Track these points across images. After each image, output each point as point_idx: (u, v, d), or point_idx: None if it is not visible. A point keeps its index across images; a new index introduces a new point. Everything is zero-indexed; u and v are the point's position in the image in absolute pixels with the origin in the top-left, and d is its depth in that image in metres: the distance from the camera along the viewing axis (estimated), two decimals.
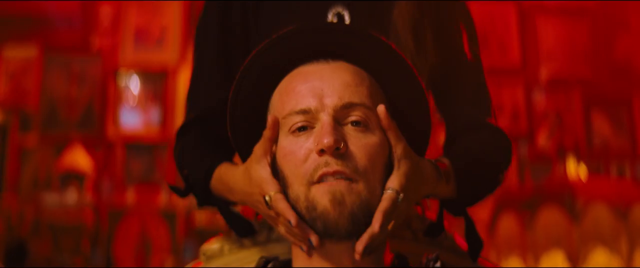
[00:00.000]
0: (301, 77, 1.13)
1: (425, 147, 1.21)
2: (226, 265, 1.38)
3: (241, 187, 1.18)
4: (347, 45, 1.14)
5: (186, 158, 1.35)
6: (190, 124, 1.39)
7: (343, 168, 1.06)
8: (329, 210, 1.05)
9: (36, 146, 5.41)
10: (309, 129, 1.10)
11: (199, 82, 1.43)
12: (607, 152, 5.24)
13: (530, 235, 3.87)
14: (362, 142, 1.09)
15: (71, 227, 5.36)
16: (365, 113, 1.11)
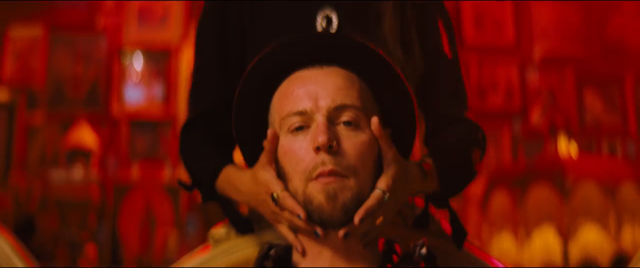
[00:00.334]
0: (298, 82, 1.23)
1: (412, 143, 1.31)
2: (232, 247, 1.49)
3: (248, 188, 1.29)
4: (338, 52, 1.25)
5: (192, 157, 1.46)
6: (193, 122, 1.49)
7: (336, 167, 1.17)
8: (324, 205, 1.16)
9: (43, 124, 5.42)
10: (305, 129, 1.21)
11: (199, 81, 1.53)
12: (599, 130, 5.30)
13: (522, 211, 3.96)
14: (353, 140, 1.20)
15: (77, 203, 5.38)
16: (356, 114, 1.21)
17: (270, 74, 1.26)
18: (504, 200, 4.01)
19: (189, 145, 1.47)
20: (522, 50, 5.37)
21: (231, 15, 1.50)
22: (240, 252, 1.50)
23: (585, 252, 3.94)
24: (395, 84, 1.26)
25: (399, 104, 1.28)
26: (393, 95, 1.27)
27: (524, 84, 5.33)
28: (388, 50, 1.37)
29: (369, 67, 1.25)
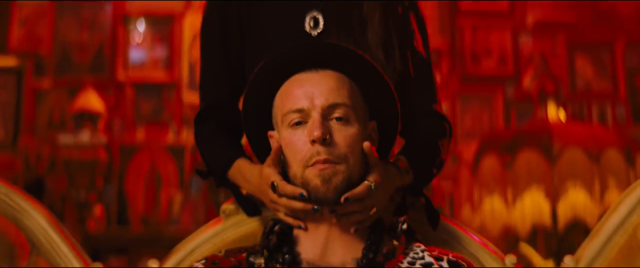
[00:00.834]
0: (297, 83, 1.46)
1: (395, 133, 1.53)
2: (241, 221, 1.73)
3: (256, 180, 1.52)
4: (331, 58, 1.46)
5: (207, 149, 1.70)
6: (204, 113, 1.73)
7: (329, 156, 1.40)
8: (319, 187, 1.39)
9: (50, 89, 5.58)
10: (303, 123, 1.43)
11: (206, 76, 1.76)
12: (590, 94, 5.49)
13: (511, 174, 4.17)
14: (344, 133, 1.43)
15: (85, 164, 5.52)
16: (346, 110, 1.44)
17: (274, 76, 1.48)
18: (494, 163, 4.21)
19: (203, 135, 1.71)
20: (516, 16, 5.51)
21: (231, 17, 1.72)
22: (248, 225, 1.74)
23: (573, 213, 4.16)
24: (380, 84, 1.49)
25: (384, 101, 1.50)
26: (378, 94, 1.49)
27: (516, 49, 5.51)
28: (371, 52, 1.59)
29: (357, 70, 1.47)
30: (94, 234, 5.24)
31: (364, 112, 1.48)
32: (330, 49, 1.47)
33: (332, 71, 1.47)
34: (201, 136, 1.72)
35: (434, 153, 1.62)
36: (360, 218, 1.44)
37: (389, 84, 1.49)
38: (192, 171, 5.68)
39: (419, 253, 1.45)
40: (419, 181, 1.61)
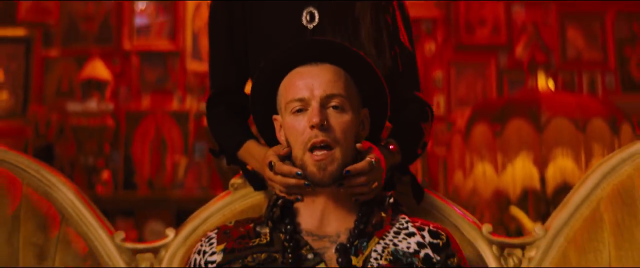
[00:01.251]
0: (298, 76, 1.65)
1: (385, 119, 1.73)
2: (248, 194, 1.93)
3: (262, 157, 1.72)
4: (329, 53, 1.65)
5: (219, 130, 1.91)
6: (215, 98, 1.93)
7: (326, 138, 1.60)
8: (315, 174, 1.59)
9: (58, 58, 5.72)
10: (304, 111, 1.63)
11: (215, 65, 1.97)
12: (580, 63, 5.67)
13: (501, 143, 4.37)
14: (339, 120, 1.62)
15: (93, 131, 5.69)
16: (341, 100, 1.63)
17: (279, 68, 1.68)
18: (485, 131, 4.40)
19: (215, 119, 1.92)
20: None
21: (236, 12, 1.92)
22: (254, 198, 1.95)
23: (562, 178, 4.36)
24: (372, 76, 1.68)
25: (375, 91, 1.70)
26: (370, 84, 1.69)
27: (510, 19, 5.65)
28: (364, 48, 1.79)
29: (352, 63, 1.66)
30: (102, 198, 5.37)
31: (357, 101, 1.68)
32: (328, 46, 1.66)
33: (330, 65, 1.66)
34: (213, 119, 1.92)
35: (419, 136, 1.83)
36: (364, 190, 1.64)
37: (380, 75, 1.68)
38: (196, 136, 5.86)
39: (403, 224, 1.66)
40: (406, 160, 1.82)
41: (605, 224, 1.90)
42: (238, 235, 1.65)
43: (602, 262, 1.86)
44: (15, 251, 1.90)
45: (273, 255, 1.60)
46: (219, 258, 1.61)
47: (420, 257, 1.59)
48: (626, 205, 1.89)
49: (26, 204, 1.95)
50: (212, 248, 1.64)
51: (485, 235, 1.92)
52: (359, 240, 1.60)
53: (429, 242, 1.62)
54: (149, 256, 1.97)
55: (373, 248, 1.59)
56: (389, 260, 1.57)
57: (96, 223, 1.95)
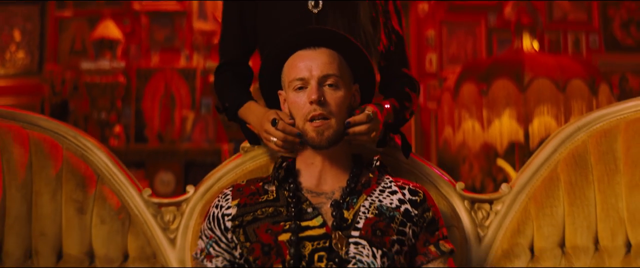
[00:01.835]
0: (299, 58, 1.91)
1: (372, 92, 2.00)
2: (256, 156, 2.19)
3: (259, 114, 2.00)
4: (326, 40, 1.91)
5: (224, 92, 2.17)
6: (223, 67, 2.20)
7: (323, 111, 1.87)
8: (315, 138, 1.87)
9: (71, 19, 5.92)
10: (304, 88, 1.90)
11: (225, 39, 2.23)
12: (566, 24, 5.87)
13: (487, 101, 4.62)
14: (333, 95, 1.89)
15: (105, 88, 5.95)
16: (336, 79, 1.90)
17: (283, 52, 1.95)
18: (472, 90, 4.64)
19: (221, 83, 2.19)
20: None
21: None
22: (261, 159, 2.21)
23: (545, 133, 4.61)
24: (361, 57, 1.94)
25: (363, 69, 1.96)
26: (360, 64, 1.95)
27: None
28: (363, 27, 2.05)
29: (344, 47, 1.93)
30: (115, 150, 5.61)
31: (349, 78, 1.94)
32: (325, 33, 1.92)
33: (326, 49, 1.92)
34: (220, 83, 2.19)
35: (407, 104, 2.11)
36: (364, 138, 1.93)
37: (368, 56, 1.95)
38: (202, 92, 6.09)
39: (387, 184, 1.94)
40: (397, 123, 2.10)
41: (561, 184, 2.14)
42: (249, 192, 1.93)
43: (557, 216, 2.11)
44: (59, 206, 2.16)
45: (279, 209, 1.87)
46: (233, 211, 1.89)
47: (401, 211, 1.88)
48: (579, 167, 2.12)
49: (67, 166, 2.20)
50: (228, 203, 1.92)
51: (458, 191, 2.18)
52: (350, 197, 1.88)
53: (408, 198, 1.90)
54: (172, 209, 2.23)
55: (362, 203, 1.87)
56: (375, 213, 1.86)
57: (127, 181, 2.21)
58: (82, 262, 2.15)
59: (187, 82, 6.16)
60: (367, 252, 1.78)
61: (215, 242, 1.90)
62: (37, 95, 6.04)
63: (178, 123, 6.14)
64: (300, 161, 1.96)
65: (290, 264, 1.76)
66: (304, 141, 1.90)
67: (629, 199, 2.03)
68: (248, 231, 1.85)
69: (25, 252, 2.12)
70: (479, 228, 2.17)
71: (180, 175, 6.05)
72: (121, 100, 6.05)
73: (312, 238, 1.81)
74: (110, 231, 2.18)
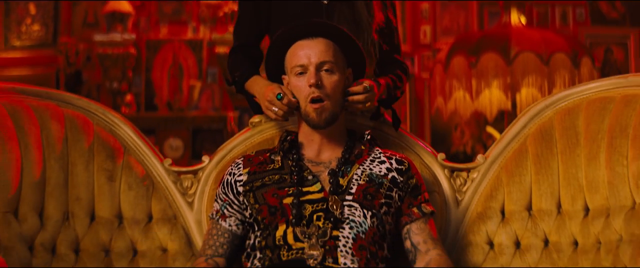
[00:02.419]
0: (300, 47, 2.16)
1: (363, 75, 2.26)
2: (264, 130, 2.44)
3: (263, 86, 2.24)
4: (323, 31, 2.16)
5: (235, 68, 2.40)
6: (236, 48, 2.44)
7: (320, 94, 2.12)
8: (314, 118, 2.13)
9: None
10: (304, 73, 2.15)
11: (241, 23, 2.46)
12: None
13: (476, 72, 4.86)
14: (329, 80, 2.14)
15: (117, 58, 6.15)
16: (331, 65, 2.14)
17: (286, 41, 2.19)
18: (461, 62, 4.88)
19: (233, 60, 2.43)
20: None
21: None
22: (268, 132, 2.45)
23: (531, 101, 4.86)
24: (353, 46, 2.18)
25: (355, 55, 2.20)
26: (352, 51, 2.19)
27: None
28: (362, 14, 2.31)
29: (339, 37, 2.17)
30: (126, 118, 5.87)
31: (343, 64, 2.19)
32: (322, 25, 2.17)
33: (323, 38, 2.16)
34: (232, 62, 2.44)
35: (400, 83, 2.38)
36: (361, 107, 2.18)
37: (359, 45, 2.20)
38: (209, 62, 6.29)
39: (377, 154, 2.21)
40: (390, 98, 2.36)
41: (529, 155, 2.37)
42: (258, 161, 2.20)
43: (525, 183, 2.35)
44: (91, 175, 2.39)
45: (283, 176, 2.14)
46: (244, 178, 2.16)
47: (388, 178, 2.15)
48: (545, 141, 2.36)
49: (98, 140, 2.42)
50: (240, 171, 2.19)
51: (439, 161, 2.43)
52: (345, 166, 2.14)
53: (395, 167, 2.17)
54: (190, 176, 2.47)
55: (355, 172, 2.14)
56: (366, 180, 2.12)
57: (150, 152, 2.45)
58: (112, 223, 2.39)
59: (194, 53, 6.34)
60: (359, 213, 2.06)
61: (229, 205, 2.17)
62: (52, 66, 6.24)
63: (186, 92, 6.33)
64: (302, 135, 2.23)
65: (292, 223, 2.03)
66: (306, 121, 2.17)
67: (587, 169, 2.27)
68: (257, 195, 2.11)
69: (63, 215, 2.36)
70: (457, 193, 2.42)
71: (188, 141, 6.28)
72: (132, 70, 6.24)
73: (312, 201, 2.07)
74: (136, 196, 2.41)
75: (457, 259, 2.35)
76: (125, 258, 2.38)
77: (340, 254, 1.99)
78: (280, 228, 2.05)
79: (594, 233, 2.25)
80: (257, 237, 2.10)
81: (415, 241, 2.13)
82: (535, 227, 2.34)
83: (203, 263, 2.13)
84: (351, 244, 2.01)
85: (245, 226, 2.17)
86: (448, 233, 2.39)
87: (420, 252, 2.12)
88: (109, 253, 2.39)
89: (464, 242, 2.38)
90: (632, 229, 2.15)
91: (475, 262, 2.35)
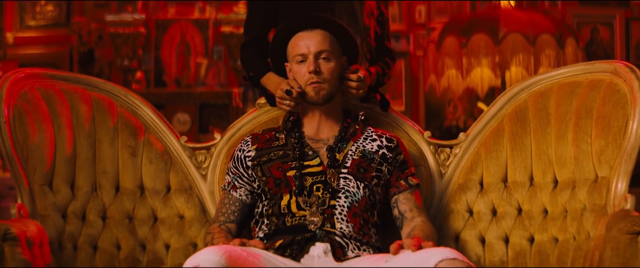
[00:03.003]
0: (300, 38, 2.38)
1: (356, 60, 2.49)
2: (270, 110, 2.64)
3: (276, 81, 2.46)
4: (321, 24, 2.39)
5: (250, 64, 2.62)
6: (248, 43, 2.65)
7: (318, 79, 2.35)
8: (313, 96, 2.35)
9: None
10: (304, 61, 2.37)
11: (251, 18, 2.67)
12: None
13: (466, 52, 5.08)
14: (327, 66, 2.37)
15: (127, 37, 6.32)
16: (328, 53, 2.36)
17: (288, 32, 2.41)
18: (453, 43, 5.09)
19: (247, 56, 2.63)
20: None
21: None
22: (273, 113, 2.64)
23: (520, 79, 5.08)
24: (348, 36, 2.41)
25: (349, 44, 2.42)
26: (347, 41, 2.41)
27: None
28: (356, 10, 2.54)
29: (335, 29, 2.39)
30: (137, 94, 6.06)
31: (339, 52, 2.41)
32: (319, 19, 2.39)
33: (321, 30, 2.38)
34: (246, 57, 2.64)
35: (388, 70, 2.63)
36: (354, 92, 2.42)
37: (352, 35, 2.42)
38: (215, 41, 6.44)
39: (370, 133, 2.45)
40: (379, 83, 2.61)
41: (505, 133, 2.57)
42: (264, 139, 2.44)
43: (501, 158, 2.57)
44: (116, 151, 2.62)
45: (287, 152, 2.38)
46: (252, 154, 2.40)
47: (379, 154, 2.39)
48: (520, 121, 2.56)
49: (121, 119, 2.64)
50: (248, 147, 2.43)
51: (425, 138, 2.64)
52: (341, 143, 2.38)
53: (385, 145, 2.41)
54: (203, 152, 2.68)
55: (349, 148, 2.38)
56: (359, 156, 2.37)
57: (168, 131, 2.67)
58: (135, 193, 2.62)
59: (201, 31, 6.49)
60: (353, 185, 2.32)
61: (239, 177, 2.42)
62: (65, 44, 6.41)
63: (193, 69, 6.49)
64: (303, 115, 2.47)
65: (295, 193, 2.29)
66: (306, 100, 2.42)
67: (557, 146, 2.50)
68: (264, 168, 2.36)
69: (92, 187, 2.59)
70: (441, 167, 2.65)
71: (196, 115, 6.44)
72: (142, 48, 6.39)
73: (312, 174, 2.32)
74: (156, 169, 2.64)
75: (440, 225, 2.58)
76: (147, 224, 2.62)
77: (337, 220, 2.25)
78: (284, 198, 2.30)
79: (561, 203, 2.48)
80: (265, 205, 2.35)
81: (402, 209, 2.39)
82: (510, 197, 2.57)
83: (216, 229, 2.38)
84: (346, 212, 2.27)
85: (253, 196, 2.42)
86: (433, 203, 2.61)
87: (407, 219, 2.38)
88: (133, 220, 2.63)
89: (447, 210, 2.61)
90: (594, 200, 2.39)
91: (456, 228, 2.59)
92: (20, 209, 2.40)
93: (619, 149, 2.36)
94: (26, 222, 2.31)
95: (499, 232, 2.57)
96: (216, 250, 1.90)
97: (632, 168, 2.35)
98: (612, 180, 2.36)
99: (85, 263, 2.53)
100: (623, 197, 2.32)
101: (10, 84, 2.48)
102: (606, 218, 2.27)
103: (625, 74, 2.41)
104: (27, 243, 2.22)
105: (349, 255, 2.21)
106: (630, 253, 2.13)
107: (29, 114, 2.51)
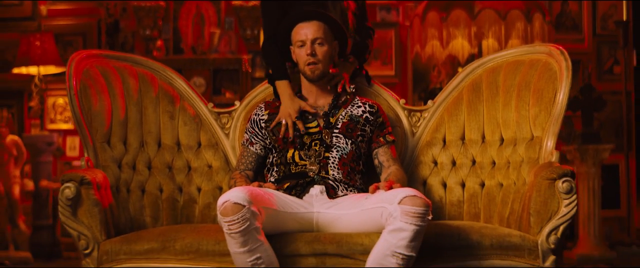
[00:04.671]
0: (300, 27, 2.84)
1: (346, 45, 3.01)
2: None
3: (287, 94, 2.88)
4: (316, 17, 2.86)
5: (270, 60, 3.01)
6: (268, 39, 3.05)
7: (314, 60, 2.84)
8: (309, 74, 2.84)
9: None
10: (304, 46, 2.84)
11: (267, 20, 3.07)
12: None
13: (446, 25, 5.56)
14: (321, 50, 2.85)
15: (149, 9, 6.68)
16: (322, 40, 2.82)
17: (291, 23, 2.87)
18: (434, 17, 5.55)
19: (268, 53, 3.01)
20: None
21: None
22: None
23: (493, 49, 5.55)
24: (338, 26, 2.88)
25: (339, 32, 2.89)
26: (337, 30, 2.87)
27: None
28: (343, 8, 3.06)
29: (327, 21, 2.86)
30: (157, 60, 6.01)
31: (331, 38, 2.87)
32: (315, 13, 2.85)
33: (316, 21, 2.86)
34: (267, 53, 3.02)
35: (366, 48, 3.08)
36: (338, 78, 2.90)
37: (342, 26, 2.91)
38: (226, 12, 6.74)
39: (356, 101, 2.95)
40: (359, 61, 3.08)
41: (464, 101, 2.95)
42: (275, 105, 2.93)
43: (460, 121, 2.95)
44: (158, 115, 2.99)
45: None
46: (265, 118, 2.90)
47: (363, 118, 2.90)
48: (475, 91, 2.94)
49: (161, 90, 3.01)
50: (262, 112, 2.92)
51: (401, 105, 3.07)
52: (334, 110, 2.89)
53: (368, 110, 2.91)
54: (226, 115, 3.08)
55: (341, 113, 2.89)
56: (348, 119, 2.88)
57: (198, 98, 3.09)
58: (173, 148, 3.02)
59: (214, 4, 6.79)
60: (343, 141, 2.83)
61: (255, 136, 2.92)
62: (94, 16, 6.75)
63: (207, 38, 6.79)
64: (304, 89, 2.96)
65: (298, 148, 2.80)
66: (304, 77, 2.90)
67: (503, 112, 2.90)
68: (274, 129, 2.90)
69: (140, 143, 2.98)
70: (413, 127, 3.06)
71: (210, 80, 6.78)
72: (162, 19, 6.70)
73: (311, 134, 2.84)
74: (189, 129, 3.01)
75: (412, 173, 3.00)
76: (183, 172, 3.04)
77: (330, 168, 2.79)
78: (289, 151, 2.82)
79: (505, 156, 2.88)
80: (274, 157, 2.88)
81: (381, 160, 2.92)
82: (466, 151, 2.96)
83: (238, 175, 2.89)
84: (337, 162, 2.81)
85: (266, 150, 2.93)
86: (406, 155, 3.04)
87: (384, 167, 2.91)
88: (172, 169, 3.03)
89: (417, 161, 3.03)
90: (530, 154, 2.78)
91: (424, 175, 3.03)
92: (87, 161, 2.84)
93: (549, 115, 2.73)
94: (94, 171, 2.73)
95: (457, 178, 2.96)
96: (242, 189, 2.40)
97: (558, 129, 2.71)
98: (544, 139, 2.72)
99: (136, 202, 2.93)
100: (551, 153, 2.69)
101: (75, 64, 2.89)
102: (536, 168, 2.62)
103: (557, 55, 2.77)
104: (97, 187, 2.66)
105: (339, 194, 2.73)
106: (549, 194, 2.51)
107: (91, 87, 2.90)
